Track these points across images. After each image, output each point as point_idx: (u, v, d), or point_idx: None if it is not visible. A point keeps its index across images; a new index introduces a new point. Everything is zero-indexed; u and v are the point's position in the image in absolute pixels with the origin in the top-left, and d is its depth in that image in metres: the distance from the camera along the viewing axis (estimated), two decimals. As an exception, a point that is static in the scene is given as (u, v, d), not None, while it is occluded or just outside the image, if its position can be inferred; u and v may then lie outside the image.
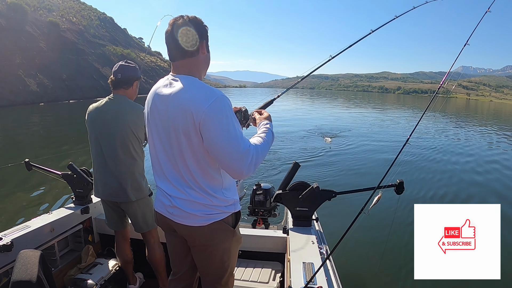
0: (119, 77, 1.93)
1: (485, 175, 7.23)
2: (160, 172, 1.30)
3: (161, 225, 1.40)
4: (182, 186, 1.24)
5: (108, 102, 1.96)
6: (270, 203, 2.28)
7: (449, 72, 2.13)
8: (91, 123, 1.96)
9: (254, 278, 2.03)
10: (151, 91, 1.31)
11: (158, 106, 1.24)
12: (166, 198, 1.29)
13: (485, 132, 16.46)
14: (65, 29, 41.29)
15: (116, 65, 1.97)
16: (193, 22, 1.20)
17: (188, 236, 1.31)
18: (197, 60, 1.24)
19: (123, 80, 1.94)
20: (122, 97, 1.96)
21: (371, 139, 11.82)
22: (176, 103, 1.17)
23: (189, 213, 1.24)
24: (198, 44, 1.22)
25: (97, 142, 1.93)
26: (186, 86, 1.18)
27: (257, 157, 1.18)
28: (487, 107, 66.30)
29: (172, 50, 1.22)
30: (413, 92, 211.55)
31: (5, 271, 1.77)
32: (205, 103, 1.12)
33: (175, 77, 1.23)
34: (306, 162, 7.71)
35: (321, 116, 20.90)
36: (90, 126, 1.97)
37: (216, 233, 1.27)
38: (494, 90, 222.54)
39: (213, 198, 1.24)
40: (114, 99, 1.96)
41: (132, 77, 1.97)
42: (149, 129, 1.32)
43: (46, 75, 31.78)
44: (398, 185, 1.85)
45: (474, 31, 2.11)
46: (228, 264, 1.37)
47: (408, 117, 23.34)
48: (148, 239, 2.12)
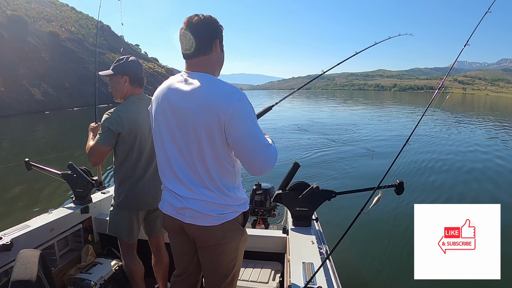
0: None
1: (485, 175, 7.22)
2: (169, 172, 1.27)
3: (168, 226, 1.38)
4: (196, 187, 1.22)
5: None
6: (270, 203, 2.28)
7: (448, 72, 2.12)
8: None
9: (254, 278, 2.03)
10: (161, 88, 1.29)
11: (173, 103, 1.21)
12: (176, 199, 1.26)
13: (484, 127, 16.40)
14: (65, 39, 42.30)
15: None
16: (207, 20, 1.22)
17: (200, 236, 1.29)
18: (211, 58, 1.24)
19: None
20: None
21: (371, 138, 11.81)
22: (198, 100, 1.15)
23: (203, 213, 1.23)
24: (211, 42, 1.22)
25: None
26: (207, 83, 1.17)
27: (276, 153, 1.22)
28: (484, 101, 66.29)
29: (186, 47, 1.22)
30: (409, 89, 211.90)
31: (4, 270, 1.76)
32: (231, 100, 1.12)
33: (190, 74, 1.22)
34: (306, 162, 7.71)
35: (321, 117, 20.90)
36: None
37: (227, 232, 1.27)
38: (490, 83, 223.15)
39: (227, 197, 1.24)
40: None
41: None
42: (157, 127, 1.28)
43: (50, 84, 32.32)
44: (398, 185, 1.85)
45: (476, 31, 2.11)
46: (235, 263, 1.37)
47: (408, 114, 23.30)
48: (160, 243, 2.04)
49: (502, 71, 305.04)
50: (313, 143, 10.71)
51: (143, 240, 2.15)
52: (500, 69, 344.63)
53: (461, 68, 2.35)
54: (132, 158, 1.79)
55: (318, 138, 11.60)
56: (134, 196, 1.83)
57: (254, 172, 1.21)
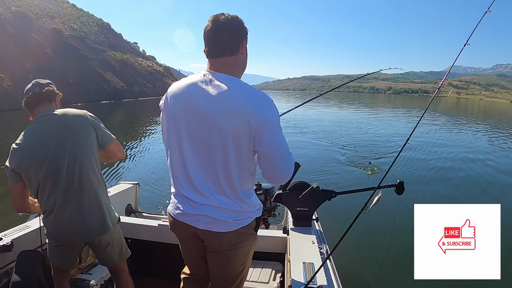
0: (38, 90, 1.59)
1: (485, 175, 7.23)
2: (184, 177, 1.22)
3: (179, 232, 1.35)
4: (211, 193, 1.19)
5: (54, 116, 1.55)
6: (270, 203, 2.28)
7: (446, 75, 2.13)
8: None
9: (254, 278, 2.02)
10: (180, 86, 1.21)
11: (197, 104, 1.14)
12: (190, 206, 1.23)
13: (481, 131, 16.48)
14: (68, 36, 42.92)
15: (29, 84, 1.63)
16: (235, 20, 1.18)
17: (213, 242, 1.26)
18: (237, 59, 1.21)
19: (44, 92, 1.60)
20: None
21: (371, 138, 11.82)
22: (227, 105, 1.10)
23: (219, 220, 1.20)
24: (239, 43, 1.19)
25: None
26: (236, 87, 1.14)
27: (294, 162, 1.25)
28: (477, 106, 66.65)
29: (212, 46, 1.18)
30: (403, 92, 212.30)
31: (5, 271, 1.76)
32: (263, 108, 1.11)
33: (215, 75, 1.17)
34: (306, 162, 7.71)
35: (320, 116, 20.89)
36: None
37: (241, 237, 1.26)
38: (484, 88, 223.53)
39: (244, 204, 1.23)
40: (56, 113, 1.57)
41: (53, 90, 1.65)
42: (175, 127, 1.21)
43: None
44: (398, 185, 1.85)
45: (474, 32, 2.11)
46: (244, 267, 1.36)
47: (405, 116, 23.32)
48: (120, 274, 1.78)
49: (497, 77, 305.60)
50: (313, 143, 10.71)
51: (141, 240, 2.15)
52: (495, 74, 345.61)
53: (456, 73, 2.35)
54: (39, 191, 1.53)
55: (318, 138, 11.60)
56: (55, 230, 1.58)
57: (274, 180, 1.23)
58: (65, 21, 47.00)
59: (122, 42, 64.26)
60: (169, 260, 2.28)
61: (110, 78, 43.58)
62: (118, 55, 51.18)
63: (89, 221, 1.54)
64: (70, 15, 51.42)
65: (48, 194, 1.51)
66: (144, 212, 2.94)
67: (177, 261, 2.05)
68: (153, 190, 5.61)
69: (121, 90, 44.03)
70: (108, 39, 56.40)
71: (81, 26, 50.31)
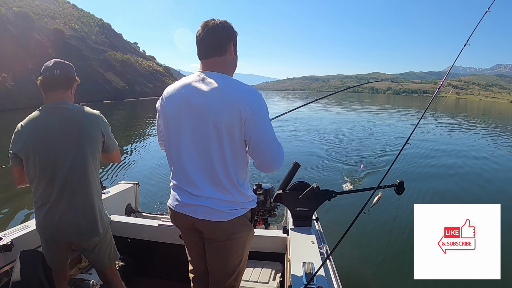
0: (57, 74, 1.50)
1: (485, 175, 7.22)
2: (181, 170, 1.31)
3: (180, 224, 1.41)
4: (208, 184, 1.26)
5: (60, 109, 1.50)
6: (270, 203, 2.28)
7: (447, 75, 2.13)
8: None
9: (254, 278, 2.03)
10: (175, 87, 1.31)
11: (193, 101, 1.23)
12: (188, 197, 1.30)
13: (481, 131, 16.47)
14: (70, 36, 43.38)
15: (49, 61, 1.54)
16: (223, 24, 1.29)
17: (211, 231, 1.32)
18: (225, 59, 1.31)
19: (63, 78, 1.52)
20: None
21: (370, 138, 11.82)
22: (220, 98, 1.20)
23: (216, 209, 1.27)
24: (226, 44, 1.29)
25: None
26: (227, 82, 1.24)
27: (284, 154, 1.32)
28: (477, 106, 66.68)
29: (202, 48, 1.30)
30: (403, 93, 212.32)
31: (5, 271, 1.76)
32: (253, 99, 1.20)
33: (207, 74, 1.27)
34: (306, 162, 7.71)
35: (320, 117, 20.89)
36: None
37: (237, 227, 1.32)
38: (484, 89, 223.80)
39: (238, 194, 1.30)
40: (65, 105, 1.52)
41: (72, 77, 1.57)
42: (174, 126, 1.29)
43: None
44: (398, 185, 1.85)
45: (474, 32, 2.11)
46: (241, 259, 1.40)
47: (404, 116, 23.31)
48: (111, 278, 1.74)
49: (496, 77, 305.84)
50: (313, 143, 10.71)
51: (141, 240, 2.15)
52: (494, 75, 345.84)
53: (456, 73, 2.36)
54: (35, 181, 1.51)
55: (317, 138, 11.60)
56: (45, 225, 1.56)
57: (265, 169, 1.29)
58: (66, 21, 47.41)
59: (123, 42, 64.68)
60: (169, 260, 2.28)
61: (111, 78, 43.81)
62: (119, 55, 51.60)
63: (79, 222, 1.54)
64: (71, 16, 51.90)
65: (43, 187, 1.51)
66: (144, 212, 2.94)
67: (177, 261, 2.05)
68: (153, 190, 5.61)
69: (122, 90, 44.28)
70: (109, 39, 56.74)
71: (82, 27, 50.73)
